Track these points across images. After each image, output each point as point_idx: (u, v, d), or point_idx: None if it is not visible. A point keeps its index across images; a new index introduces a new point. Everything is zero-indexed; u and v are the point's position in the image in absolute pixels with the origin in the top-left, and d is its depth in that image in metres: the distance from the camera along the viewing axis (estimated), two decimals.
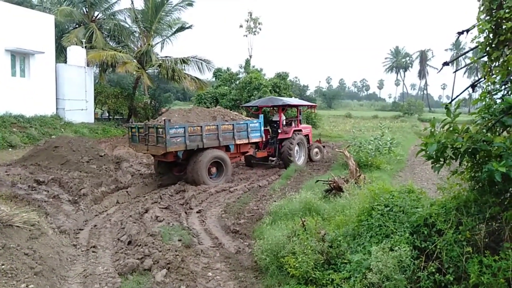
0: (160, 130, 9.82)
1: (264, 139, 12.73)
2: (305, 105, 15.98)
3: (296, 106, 15.44)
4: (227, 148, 11.34)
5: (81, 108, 20.91)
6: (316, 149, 15.01)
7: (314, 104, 16.89)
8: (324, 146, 15.78)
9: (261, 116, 12.77)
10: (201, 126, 10.45)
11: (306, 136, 14.94)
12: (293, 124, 14.45)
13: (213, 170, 10.90)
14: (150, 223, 6.91)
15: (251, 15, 39.32)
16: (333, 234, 4.88)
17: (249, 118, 13.15)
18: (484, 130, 3.41)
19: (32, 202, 7.74)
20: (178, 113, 11.51)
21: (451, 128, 3.45)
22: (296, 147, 13.63)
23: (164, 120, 9.82)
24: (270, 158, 13.81)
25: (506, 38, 3.57)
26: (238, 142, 11.51)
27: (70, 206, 8.03)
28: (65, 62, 21.32)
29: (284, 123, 14.33)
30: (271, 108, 15.71)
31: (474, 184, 3.87)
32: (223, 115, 12.14)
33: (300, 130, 14.22)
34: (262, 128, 12.36)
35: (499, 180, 3.18)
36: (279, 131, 13.63)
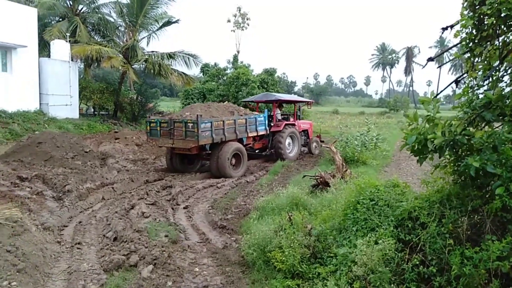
0: (190, 124, 10.44)
1: (268, 132, 13.61)
2: (300, 101, 16.73)
3: (289, 101, 16.43)
4: (239, 141, 12.01)
5: (65, 103, 20.48)
6: (315, 143, 15.77)
7: (310, 100, 17.87)
8: (323, 141, 16.24)
9: (266, 110, 13.99)
10: (223, 121, 11.21)
11: (305, 131, 15.91)
12: (291, 119, 15.24)
13: (233, 161, 11.52)
14: (136, 219, 6.85)
15: (239, 10, 39.18)
16: (320, 228, 4.92)
17: (257, 113, 13.96)
18: (466, 125, 3.46)
19: (14, 198, 7.55)
20: (200, 108, 12.23)
21: (432, 122, 3.50)
22: (289, 140, 14.39)
23: (197, 115, 10.40)
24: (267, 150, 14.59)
25: (488, 34, 3.63)
26: (250, 135, 12.47)
27: (54, 202, 7.89)
28: (49, 57, 20.84)
29: (280, 117, 15.12)
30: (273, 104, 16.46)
31: (457, 178, 3.94)
32: (236, 110, 12.97)
33: (294, 124, 14.88)
34: (267, 122, 13.39)
35: (473, 174, 3.27)
36: (272, 124, 14.31)
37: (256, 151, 14.41)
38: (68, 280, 4.75)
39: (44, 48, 22.81)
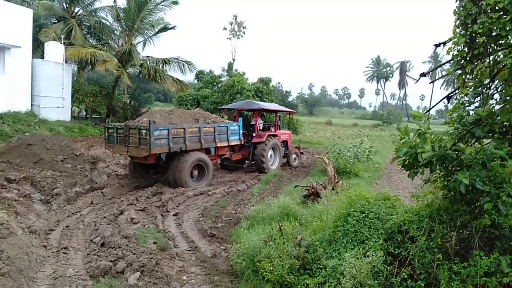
0: (143, 131, 9.53)
1: (242, 142, 12.74)
2: (282, 111, 15.96)
3: (273, 111, 15.43)
4: (207, 151, 11.26)
5: (57, 105, 20.33)
6: (294, 155, 15.13)
7: (292, 110, 16.95)
8: (302, 153, 15.95)
9: (240, 119, 12.87)
10: (184, 128, 10.32)
11: (285, 142, 15.09)
12: (272, 129, 14.49)
13: (195, 173, 10.77)
14: (125, 225, 6.77)
15: (236, 18, 39.44)
16: (310, 239, 4.91)
17: (229, 121, 12.97)
18: (456, 140, 3.51)
19: (1, 200, 7.46)
20: (160, 114, 11.25)
21: (422, 137, 3.54)
22: (270, 152, 13.70)
23: (149, 121, 9.55)
24: (246, 161, 13.83)
25: (479, 52, 3.70)
26: (218, 144, 11.46)
27: (42, 205, 7.78)
28: (42, 58, 20.72)
29: (261, 127, 14.36)
30: (252, 112, 15.77)
31: (446, 193, 3.97)
32: (204, 117, 12.03)
33: (276, 135, 14.18)
34: (241, 131, 12.42)
35: (463, 191, 3.29)
36: (254, 134, 13.64)
37: (232, 163, 13.59)
38: (53, 285, 4.67)
39: (37, 49, 22.69)
